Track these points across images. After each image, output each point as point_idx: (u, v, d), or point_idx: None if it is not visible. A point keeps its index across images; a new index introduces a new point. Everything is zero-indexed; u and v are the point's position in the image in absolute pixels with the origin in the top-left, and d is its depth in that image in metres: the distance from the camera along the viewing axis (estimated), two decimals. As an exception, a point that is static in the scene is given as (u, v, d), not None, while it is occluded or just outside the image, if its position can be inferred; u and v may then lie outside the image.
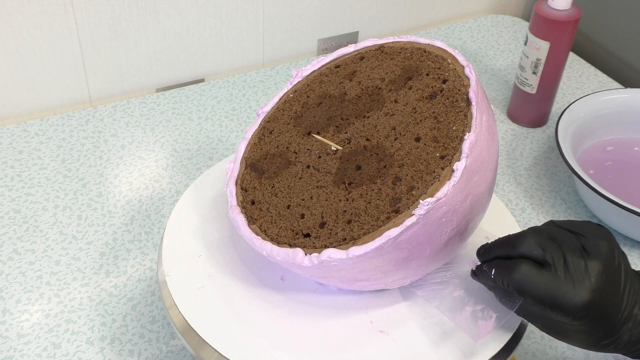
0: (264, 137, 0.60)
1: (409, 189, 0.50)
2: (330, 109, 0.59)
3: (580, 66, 1.12)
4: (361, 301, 0.55)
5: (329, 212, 0.52)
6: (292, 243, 0.52)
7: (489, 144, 0.52)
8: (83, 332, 0.68)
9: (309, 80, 0.62)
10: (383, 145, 0.54)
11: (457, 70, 0.56)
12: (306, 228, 0.52)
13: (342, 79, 0.61)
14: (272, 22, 1.06)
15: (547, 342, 0.69)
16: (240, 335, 0.52)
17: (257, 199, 0.56)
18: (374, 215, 0.50)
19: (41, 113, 0.97)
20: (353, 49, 0.63)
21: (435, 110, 0.54)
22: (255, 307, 0.54)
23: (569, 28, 0.87)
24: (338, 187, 0.53)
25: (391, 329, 0.53)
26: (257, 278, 0.57)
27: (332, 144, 0.56)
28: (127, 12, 0.94)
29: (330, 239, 0.50)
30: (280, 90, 0.63)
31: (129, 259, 0.75)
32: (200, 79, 1.06)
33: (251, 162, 0.58)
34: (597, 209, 0.82)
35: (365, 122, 0.56)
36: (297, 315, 0.54)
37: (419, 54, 0.59)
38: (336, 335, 0.53)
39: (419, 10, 1.19)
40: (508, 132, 0.97)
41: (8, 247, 0.76)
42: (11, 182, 0.84)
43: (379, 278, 0.51)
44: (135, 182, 0.85)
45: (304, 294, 0.56)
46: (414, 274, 0.53)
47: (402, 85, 0.57)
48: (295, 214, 0.53)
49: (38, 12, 0.89)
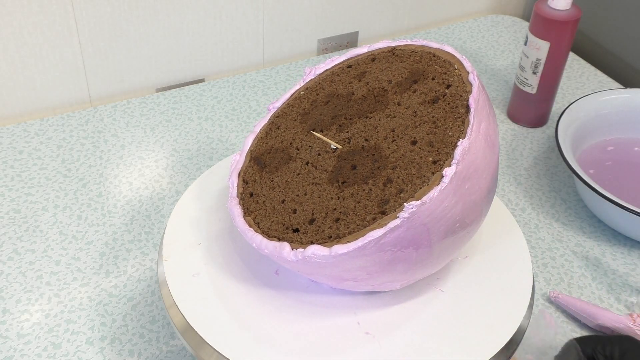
0: (271, 132, 0.61)
1: (398, 192, 0.50)
2: (336, 108, 0.59)
3: (580, 66, 1.12)
4: (352, 302, 0.55)
5: (320, 209, 0.52)
6: (281, 237, 0.52)
7: (485, 152, 0.51)
8: (83, 332, 0.68)
9: (321, 78, 0.63)
10: (380, 146, 0.54)
11: (462, 76, 0.55)
12: (296, 223, 0.53)
13: (352, 78, 0.61)
14: (272, 22, 1.06)
15: (547, 342, 0.69)
16: (241, 336, 0.52)
17: (255, 191, 0.56)
18: (360, 215, 0.50)
19: (41, 113, 0.97)
20: (367, 49, 0.63)
21: (435, 114, 0.54)
22: (246, 300, 0.55)
23: (569, 28, 0.87)
24: (332, 185, 0.53)
25: (378, 332, 0.53)
26: (251, 271, 0.57)
27: (332, 142, 0.56)
28: (127, 12, 0.94)
29: (317, 236, 0.51)
30: (292, 86, 0.65)
31: (129, 259, 0.75)
32: (200, 79, 1.06)
33: (255, 156, 0.59)
34: (597, 209, 0.82)
35: (367, 122, 0.56)
36: (286, 312, 0.54)
37: (428, 57, 0.59)
38: (322, 335, 0.53)
39: (419, 10, 1.19)
40: (508, 132, 0.97)
41: (8, 247, 0.76)
42: (11, 182, 0.84)
43: (364, 279, 0.51)
44: (135, 182, 0.85)
45: (295, 291, 0.56)
46: (403, 278, 0.52)
47: (408, 88, 0.57)
48: (288, 209, 0.54)
49: (38, 12, 0.89)
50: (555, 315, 0.71)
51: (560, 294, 0.72)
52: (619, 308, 0.73)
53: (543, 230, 0.81)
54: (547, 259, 0.78)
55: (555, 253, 0.79)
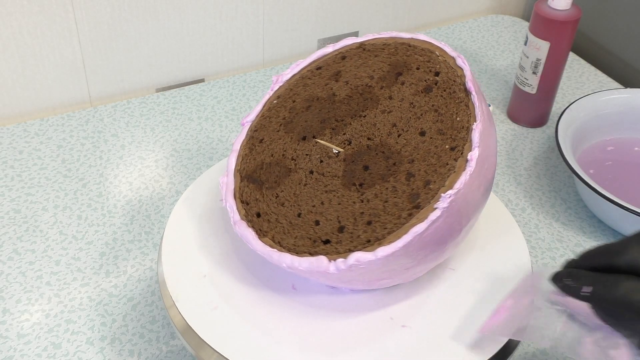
0: (254, 147, 0.58)
1: (425, 184, 0.50)
2: (321, 112, 0.58)
3: (580, 66, 1.12)
4: (381, 299, 0.55)
5: (346, 216, 0.51)
6: (313, 251, 0.51)
7: (491, 131, 0.52)
8: (83, 332, 0.68)
9: (291, 84, 0.61)
10: (387, 143, 0.53)
11: (448, 61, 0.56)
12: (324, 234, 0.51)
13: (327, 80, 0.60)
14: (272, 22, 1.06)
15: (547, 342, 0.69)
16: (241, 336, 0.52)
17: (262, 211, 0.54)
18: (394, 214, 0.49)
19: (41, 113, 0.97)
20: (332, 49, 0.62)
21: (434, 103, 0.54)
22: (246, 300, 0.54)
23: (569, 28, 0.87)
24: (349, 190, 0.52)
25: (412, 323, 0.53)
26: (251, 271, 0.57)
27: (334, 146, 0.55)
28: (127, 12, 0.94)
29: (354, 243, 0.50)
30: (262, 97, 0.62)
31: (129, 259, 0.75)
32: (200, 79, 1.06)
33: (247, 174, 0.57)
34: (597, 209, 0.82)
35: (363, 121, 0.56)
36: (287, 312, 0.54)
37: (404, 48, 0.58)
38: (323, 335, 0.52)
39: (419, 10, 1.19)
40: (508, 132, 0.97)
41: (8, 247, 0.76)
42: (11, 182, 0.84)
43: (400, 274, 0.51)
44: (135, 182, 0.85)
45: (314, 296, 0.55)
46: (430, 266, 0.53)
47: (394, 81, 0.57)
48: (308, 222, 0.52)
49: (38, 12, 0.89)
50: (555, 315, 0.71)
51: (560, 294, 0.72)
52: (619, 308, 0.73)
53: (543, 230, 0.81)
54: (547, 259, 0.78)
55: (555, 253, 0.79)
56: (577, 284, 0.44)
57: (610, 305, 0.42)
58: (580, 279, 0.44)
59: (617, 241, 0.44)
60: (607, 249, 0.44)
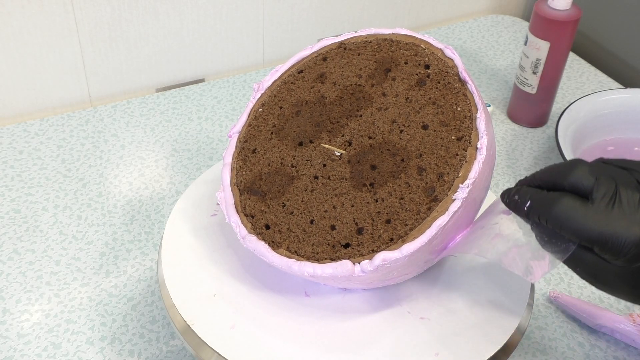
0: (247, 159, 0.57)
1: (438, 177, 0.50)
2: (313, 116, 0.57)
3: (580, 66, 1.12)
4: (394, 294, 0.55)
5: (362, 217, 0.51)
6: (334, 257, 0.50)
7: (488, 116, 0.53)
8: (83, 332, 0.68)
9: (274, 91, 0.60)
10: (390, 140, 0.53)
11: (436, 53, 0.56)
12: (342, 238, 0.51)
13: (312, 83, 0.59)
14: (272, 22, 1.06)
15: (547, 342, 0.69)
16: (241, 336, 0.52)
17: (271, 222, 0.53)
18: (413, 210, 0.49)
19: (41, 113, 0.97)
20: (310, 51, 0.61)
21: (431, 95, 0.54)
22: (246, 300, 0.54)
23: (569, 28, 0.87)
24: (360, 191, 0.52)
25: (430, 315, 0.53)
26: (251, 272, 0.56)
27: (336, 149, 0.54)
28: (127, 12, 0.94)
29: (376, 243, 0.49)
30: (246, 107, 0.60)
31: (129, 259, 0.75)
32: (200, 79, 1.06)
33: (245, 187, 0.55)
34: (597, 209, 0.81)
35: (360, 121, 0.55)
36: (288, 312, 0.54)
37: (387, 44, 0.58)
38: (325, 335, 0.52)
39: (419, 10, 1.19)
40: (508, 132, 0.97)
41: (8, 247, 0.76)
42: (11, 182, 0.84)
43: (420, 267, 0.52)
44: (135, 182, 0.85)
45: (296, 292, 0.55)
46: (443, 255, 0.53)
47: (384, 78, 0.56)
48: (323, 228, 0.51)
49: (38, 12, 0.89)
50: (556, 315, 0.71)
51: (560, 294, 0.72)
52: (619, 308, 0.73)
53: (543, 230, 0.81)
54: (547, 259, 0.78)
55: (555, 253, 0.79)
56: (521, 200, 0.46)
57: (546, 220, 0.44)
58: (525, 195, 0.46)
59: (566, 162, 0.46)
60: (556, 169, 0.45)
